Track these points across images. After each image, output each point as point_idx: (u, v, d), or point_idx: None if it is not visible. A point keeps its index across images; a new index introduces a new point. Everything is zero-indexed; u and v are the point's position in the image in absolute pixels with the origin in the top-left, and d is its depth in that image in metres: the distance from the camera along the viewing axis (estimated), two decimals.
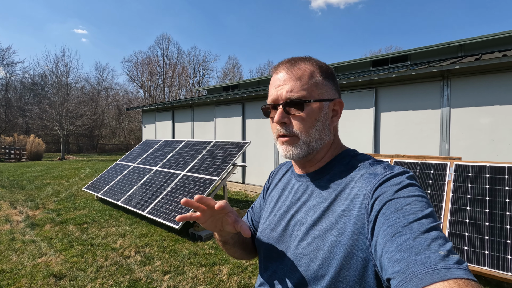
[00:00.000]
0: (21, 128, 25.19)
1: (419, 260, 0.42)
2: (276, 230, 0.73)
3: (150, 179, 5.48)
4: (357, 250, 0.56)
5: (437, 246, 0.44)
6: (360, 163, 0.66)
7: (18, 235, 4.07)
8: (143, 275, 2.97)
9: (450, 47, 7.10)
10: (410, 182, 0.56)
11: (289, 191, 0.76)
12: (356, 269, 0.56)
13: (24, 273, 2.97)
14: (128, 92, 37.71)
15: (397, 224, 0.49)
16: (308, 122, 0.66)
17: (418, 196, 0.53)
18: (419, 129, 5.03)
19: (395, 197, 0.54)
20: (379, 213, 0.53)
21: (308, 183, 0.71)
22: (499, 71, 4.32)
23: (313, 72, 0.67)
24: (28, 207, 5.58)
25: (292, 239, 0.67)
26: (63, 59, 30.52)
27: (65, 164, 14.33)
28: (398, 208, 0.51)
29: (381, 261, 0.49)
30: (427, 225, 0.47)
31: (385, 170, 0.60)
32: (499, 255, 2.75)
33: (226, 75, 39.80)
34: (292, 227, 0.68)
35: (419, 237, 0.46)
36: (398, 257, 0.45)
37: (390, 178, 0.58)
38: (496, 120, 4.34)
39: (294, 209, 0.70)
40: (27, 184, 8.00)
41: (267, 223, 0.77)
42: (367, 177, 0.61)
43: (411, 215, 0.49)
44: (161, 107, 10.78)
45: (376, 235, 0.52)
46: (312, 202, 0.67)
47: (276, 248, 0.70)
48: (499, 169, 3.40)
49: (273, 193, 0.82)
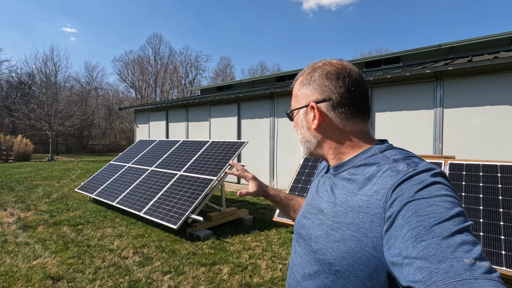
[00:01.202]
0: (7, 128, 24.46)
1: (441, 269, 0.40)
2: (305, 217, 0.76)
3: (146, 179, 5.41)
4: (370, 248, 0.56)
5: (462, 253, 0.41)
6: (385, 159, 0.64)
7: (11, 237, 3.97)
8: (142, 276, 2.93)
9: (441, 49, 7.27)
10: (434, 181, 0.53)
11: (322, 182, 0.79)
12: (368, 265, 0.56)
13: (20, 275, 2.90)
14: (118, 92, 37.19)
15: (418, 228, 0.46)
16: (297, 129, 0.78)
17: (442, 196, 0.50)
18: (413, 129, 5.13)
19: (416, 198, 0.51)
20: (398, 215, 0.51)
21: (332, 175, 0.74)
22: (490, 73, 4.45)
23: (299, 83, 0.76)
24: (19, 208, 5.43)
25: (314, 227, 0.69)
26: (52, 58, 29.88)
27: (54, 165, 14.01)
28: (419, 210, 0.49)
29: (400, 267, 0.47)
30: (451, 229, 0.44)
31: (408, 167, 0.57)
32: (493, 251, 2.83)
33: (219, 75, 39.70)
34: (315, 216, 0.71)
35: (441, 242, 0.43)
36: (419, 264, 0.42)
37: (412, 176, 0.55)
38: (488, 120, 4.47)
39: (319, 199, 0.73)
40: (16, 186, 7.79)
41: (302, 210, 0.81)
42: (388, 174, 0.58)
43: (433, 218, 0.46)
44: (154, 107, 10.67)
45: (395, 237, 0.50)
46: (336, 194, 0.68)
47: (303, 234, 0.73)
48: (491, 167, 3.50)
49: (313, 183, 0.87)
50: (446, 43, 7.07)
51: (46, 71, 20.14)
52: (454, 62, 4.91)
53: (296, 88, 0.76)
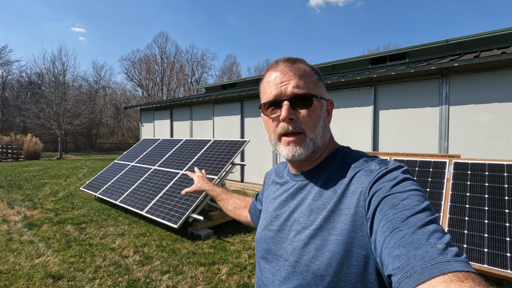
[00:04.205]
0: (18, 128, 25.03)
1: (418, 255, 0.42)
2: (272, 230, 0.72)
3: (149, 178, 5.45)
4: (357, 248, 0.55)
5: (435, 240, 0.44)
6: (354, 160, 0.66)
7: (16, 235, 4.05)
8: (141, 275, 2.95)
9: (449, 45, 7.09)
10: (405, 177, 0.57)
11: (283, 190, 0.76)
12: (357, 266, 0.55)
13: (22, 273, 2.95)
14: (126, 91, 37.57)
15: (395, 219, 0.49)
16: (314, 118, 0.66)
17: (414, 190, 0.54)
18: (418, 127, 5.02)
19: (391, 192, 0.54)
20: (377, 210, 0.53)
21: (303, 182, 0.71)
22: (498, 69, 4.31)
23: (311, 72, 0.69)
24: (25, 207, 5.54)
25: (289, 239, 0.66)
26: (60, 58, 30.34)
27: (63, 163, 14.27)
28: (395, 204, 0.51)
29: (381, 257, 0.49)
30: (424, 219, 0.47)
31: (380, 166, 0.61)
32: (498, 253, 2.75)
33: (225, 73, 39.71)
34: (289, 227, 0.67)
35: (417, 231, 0.46)
36: (397, 252, 0.45)
37: (386, 173, 0.58)
38: (495, 117, 4.34)
39: (290, 209, 0.70)
40: (25, 184, 7.95)
41: (264, 223, 0.76)
42: (362, 174, 0.61)
43: (408, 210, 0.49)
44: (159, 105, 10.73)
45: (375, 231, 0.52)
46: (308, 201, 0.66)
47: (273, 249, 0.69)
48: (498, 166, 3.40)
49: (270, 194, 0.82)
50: (454, 39, 6.89)
51: (55, 71, 20.50)
52: (460, 58, 4.77)
53: (314, 75, 0.69)
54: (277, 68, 0.68)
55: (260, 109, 0.72)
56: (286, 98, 0.65)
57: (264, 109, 0.70)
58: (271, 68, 0.70)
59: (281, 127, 0.66)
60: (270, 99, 0.67)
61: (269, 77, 0.69)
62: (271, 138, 0.69)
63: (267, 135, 0.72)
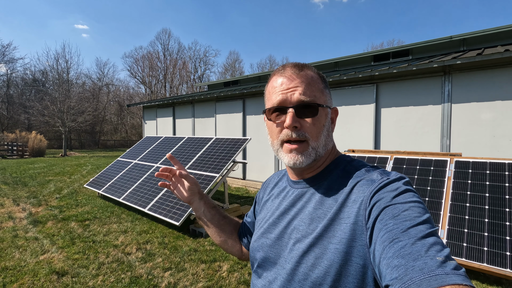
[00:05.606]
0: (23, 125, 25.28)
1: (416, 266, 0.42)
2: (270, 238, 0.71)
3: (151, 175, 5.50)
4: (356, 257, 0.55)
5: (434, 252, 0.44)
6: (356, 170, 0.66)
7: (21, 232, 4.12)
8: (144, 272, 3.00)
9: (453, 41, 7.02)
10: (406, 188, 0.57)
11: (282, 198, 0.75)
12: (355, 276, 0.55)
13: (27, 270, 3.01)
14: (129, 88, 37.66)
15: (395, 230, 0.49)
16: (318, 127, 0.66)
17: (415, 202, 0.53)
18: (420, 125, 5.00)
19: (392, 203, 0.54)
20: (377, 220, 0.53)
21: (304, 189, 0.70)
22: (501, 66, 4.27)
23: (318, 79, 0.68)
24: (30, 204, 5.63)
25: (288, 247, 0.65)
26: (63, 55, 30.49)
27: (67, 160, 14.41)
28: (396, 214, 0.51)
29: (379, 267, 0.49)
30: (424, 231, 0.47)
31: (382, 176, 0.61)
32: (498, 252, 2.76)
33: (227, 70, 39.64)
34: (289, 235, 0.66)
35: (416, 243, 0.45)
36: (396, 263, 0.44)
37: (387, 184, 0.58)
38: (498, 115, 4.31)
39: (290, 216, 0.69)
40: (30, 181, 8.06)
41: (261, 231, 0.75)
42: (364, 184, 0.61)
43: (408, 221, 0.49)
44: (161, 103, 10.77)
45: (374, 241, 0.52)
46: (309, 209, 0.66)
47: (272, 256, 0.69)
48: (499, 165, 3.39)
49: (268, 202, 0.81)
50: (458, 35, 6.81)
51: (58, 68, 20.62)
52: (463, 55, 4.74)
53: (321, 83, 0.69)
54: (284, 73, 0.67)
55: (264, 114, 0.71)
56: (292, 106, 0.64)
57: (268, 114, 0.69)
58: (277, 73, 0.69)
59: (284, 133, 0.66)
60: (275, 105, 0.66)
61: (275, 82, 0.68)
62: (273, 143, 0.69)
63: (269, 140, 0.72)
